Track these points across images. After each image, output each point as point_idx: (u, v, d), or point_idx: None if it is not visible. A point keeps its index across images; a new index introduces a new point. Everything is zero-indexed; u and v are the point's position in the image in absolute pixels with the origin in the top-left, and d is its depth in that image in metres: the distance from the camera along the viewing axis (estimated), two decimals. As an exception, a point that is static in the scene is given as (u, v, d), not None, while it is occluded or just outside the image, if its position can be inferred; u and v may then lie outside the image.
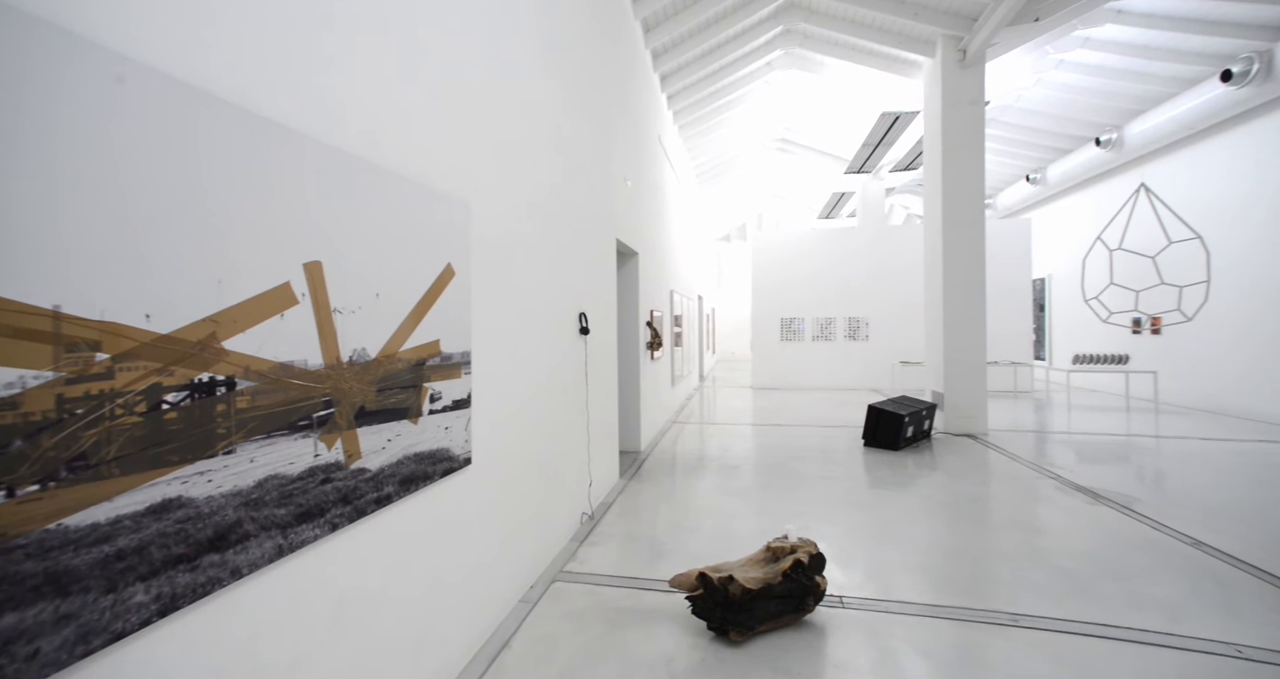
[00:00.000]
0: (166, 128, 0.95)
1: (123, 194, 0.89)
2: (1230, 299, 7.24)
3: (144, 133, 0.92)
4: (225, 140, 1.06)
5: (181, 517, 0.96)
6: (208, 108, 1.03)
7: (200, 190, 1.01)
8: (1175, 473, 4.51)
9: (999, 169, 11.35)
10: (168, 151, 0.96)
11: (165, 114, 0.95)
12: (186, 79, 1.00)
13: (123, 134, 0.89)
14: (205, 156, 1.02)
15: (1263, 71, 6.26)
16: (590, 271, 3.68)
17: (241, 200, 1.09)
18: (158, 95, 0.94)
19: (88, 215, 0.84)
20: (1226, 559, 2.81)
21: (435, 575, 1.79)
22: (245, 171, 1.10)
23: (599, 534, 3.25)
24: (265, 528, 1.13)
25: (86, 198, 0.84)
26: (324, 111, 1.33)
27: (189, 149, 0.99)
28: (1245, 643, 2.08)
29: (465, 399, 1.99)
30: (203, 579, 0.99)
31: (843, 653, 2.04)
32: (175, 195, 0.96)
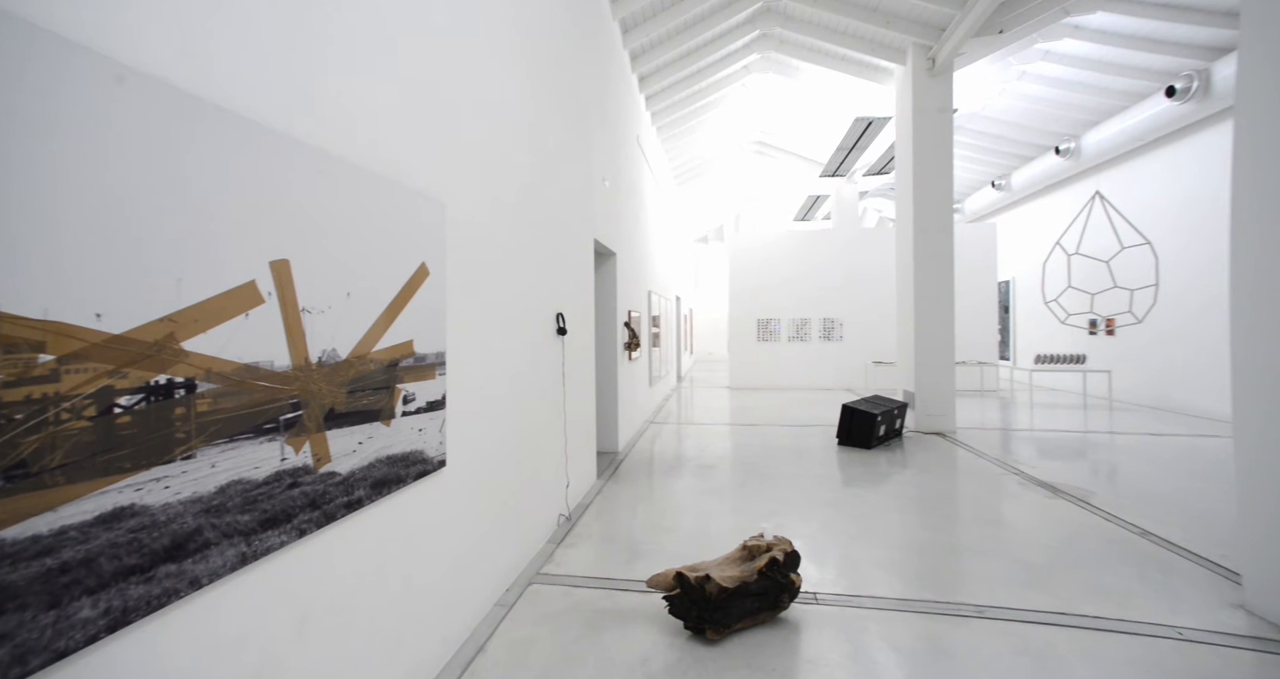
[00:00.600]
0: (117, 117, 0.91)
1: (69, 187, 0.84)
2: (1176, 302, 7.62)
3: (92, 122, 0.88)
4: (186, 133, 1.01)
5: (135, 525, 0.92)
6: (165, 98, 0.98)
7: (156, 184, 0.97)
8: (1126, 467, 4.73)
9: (967, 175, 11.71)
10: (120, 142, 0.91)
11: (115, 103, 0.91)
12: (139, 66, 0.96)
13: (68, 122, 0.84)
14: (163, 149, 0.98)
15: (1202, 89, 6.64)
16: (568, 272, 3.66)
17: (202, 196, 1.05)
18: (105, 82, 0.90)
19: (27, 208, 0.79)
20: (1170, 547, 2.96)
21: (408, 580, 1.76)
22: (206, 166, 1.06)
23: (576, 535, 3.24)
24: (228, 535, 1.09)
25: (25, 189, 0.80)
26: (292, 106, 1.29)
27: (145, 141, 0.95)
28: (1185, 625, 2.21)
29: (440, 400, 1.96)
30: (158, 591, 0.95)
31: (817, 649, 2.08)
32: (129, 189, 0.92)
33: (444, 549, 2.00)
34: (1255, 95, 2.36)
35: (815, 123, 10.00)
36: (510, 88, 2.69)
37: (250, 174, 1.15)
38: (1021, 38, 6.40)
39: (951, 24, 5.84)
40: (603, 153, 4.81)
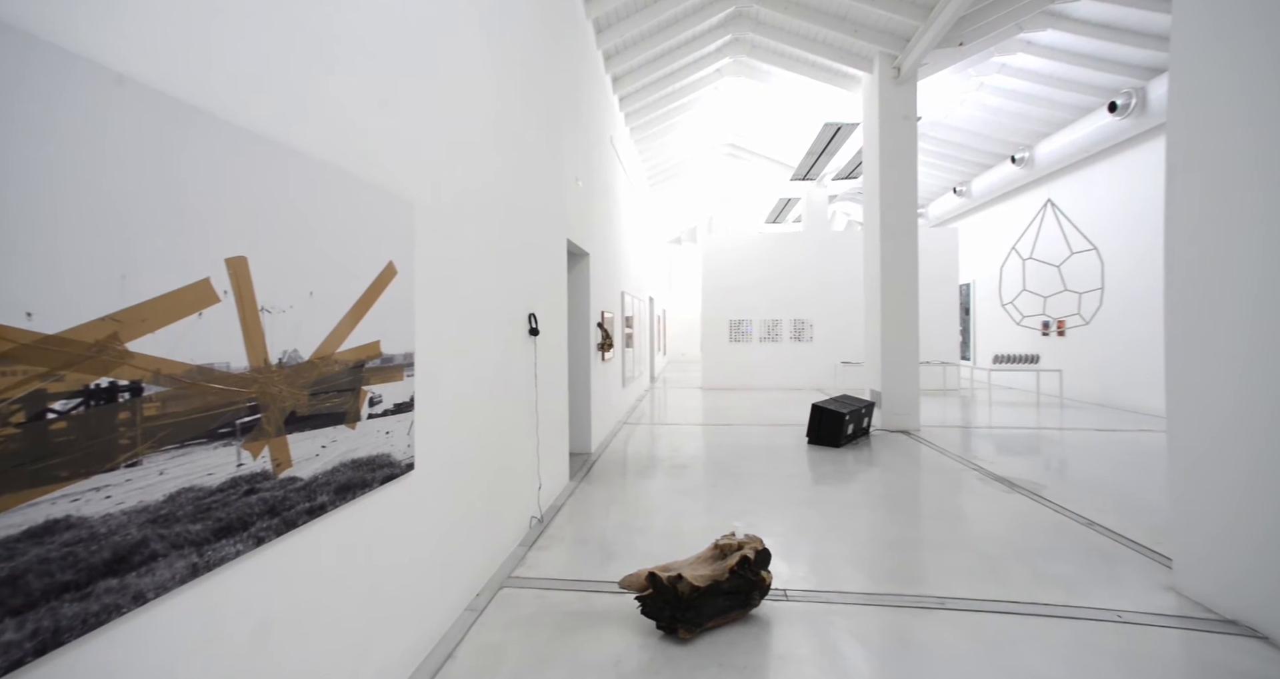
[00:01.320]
0: (56, 102, 0.86)
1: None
2: (1120, 304, 8.06)
3: (24, 106, 0.82)
4: (131, 122, 0.96)
5: (70, 538, 0.86)
6: (100, 81, 0.93)
7: (95, 173, 0.91)
8: (1075, 461, 4.97)
9: (930, 181, 12.12)
10: (56, 129, 0.86)
11: (54, 85, 0.86)
12: (65, 43, 0.90)
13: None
14: (96, 136, 0.92)
15: (1139, 105, 7.08)
16: (540, 272, 3.62)
17: (150, 187, 0.99)
18: (42, 62, 0.84)
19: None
20: (1112, 536, 3.13)
21: (374, 587, 1.71)
22: (153, 155, 1.00)
23: (548, 537, 3.21)
24: (177, 546, 1.03)
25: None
26: (251, 97, 1.24)
27: (83, 127, 0.89)
28: (1123, 608, 2.35)
29: (408, 402, 1.91)
30: (96, 608, 0.89)
31: (786, 644, 2.11)
32: (63, 176, 0.87)
33: (412, 554, 1.95)
34: (1183, 113, 2.53)
35: (786, 127, 10.19)
36: (480, 85, 2.65)
37: (204, 167, 1.10)
38: (980, 51, 6.66)
39: (915, 35, 6.03)
40: (576, 152, 4.78)
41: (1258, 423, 2.17)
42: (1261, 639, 2.12)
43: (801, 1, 6.34)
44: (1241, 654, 2.02)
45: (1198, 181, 2.46)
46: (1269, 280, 2.13)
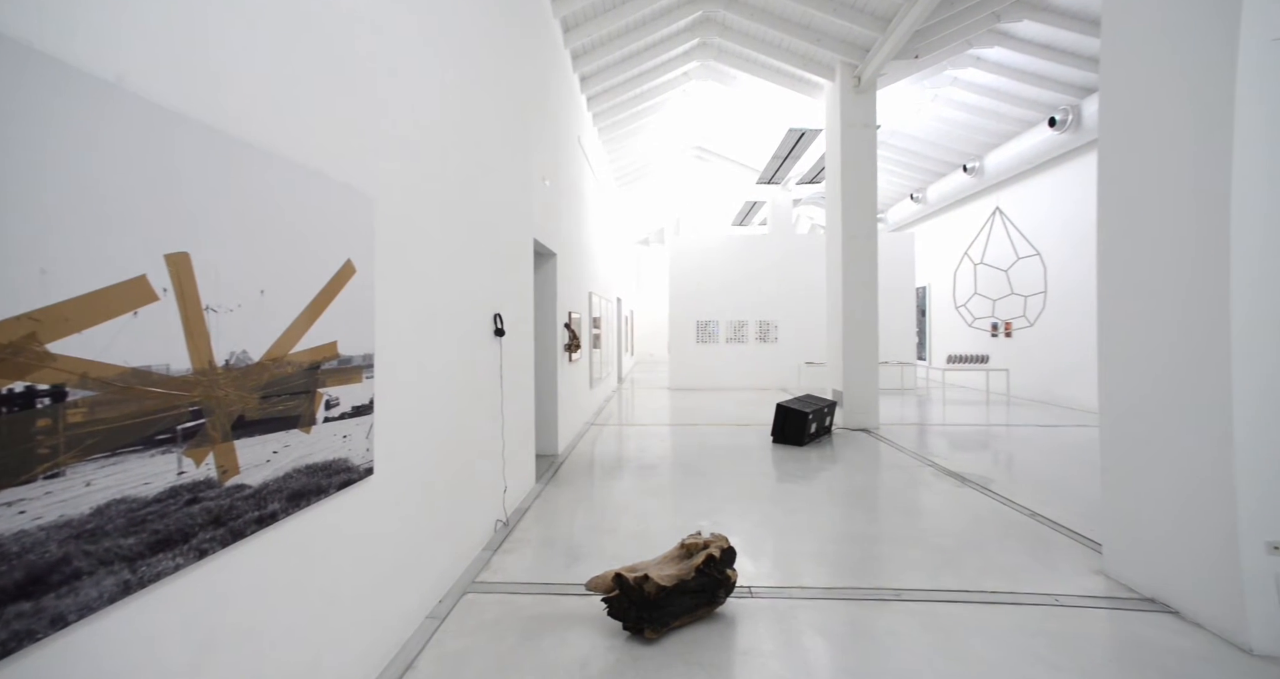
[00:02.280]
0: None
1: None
2: (1062, 307, 8.55)
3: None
4: (60, 107, 0.90)
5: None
6: (26, 63, 0.87)
7: (11, 158, 0.85)
8: (1020, 456, 5.25)
9: (889, 187, 12.57)
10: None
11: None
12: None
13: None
14: (19, 118, 0.86)
15: (1075, 122, 7.57)
16: (506, 272, 3.57)
17: (77, 176, 0.93)
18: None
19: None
20: (1051, 525, 3.33)
21: (329, 598, 1.65)
22: (76, 143, 0.94)
23: (514, 541, 3.16)
24: (105, 562, 0.96)
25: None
26: (192, 85, 1.18)
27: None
28: (1060, 593, 2.50)
29: (367, 405, 1.85)
30: (4, 636, 0.81)
31: (750, 640, 2.15)
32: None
33: (370, 562, 1.89)
34: (1110, 130, 2.72)
35: (752, 131, 10.37)
36: (445, 80, 2.59)
37: (137, 156, 1.03)
38: (935, 63, 6.97)
39: (875, 46, 6.25)
40: (543, 152, 4.74)
41: (1165, 420, 2.34)
42: (1173, 613, 2.32)
43: (767, 9, 6.48)
44: (1156, 628, 2.21)
45: (1121, 193, 2.64)
46: (1175, 287, 2.30)
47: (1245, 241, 2.12)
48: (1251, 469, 2.09)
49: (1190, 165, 2.30)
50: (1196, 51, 2.28)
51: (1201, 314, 2.23)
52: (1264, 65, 2.10)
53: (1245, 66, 2.10)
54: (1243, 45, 2.10)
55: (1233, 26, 2.13)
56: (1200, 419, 2.24)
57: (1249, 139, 2.11)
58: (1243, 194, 2.12)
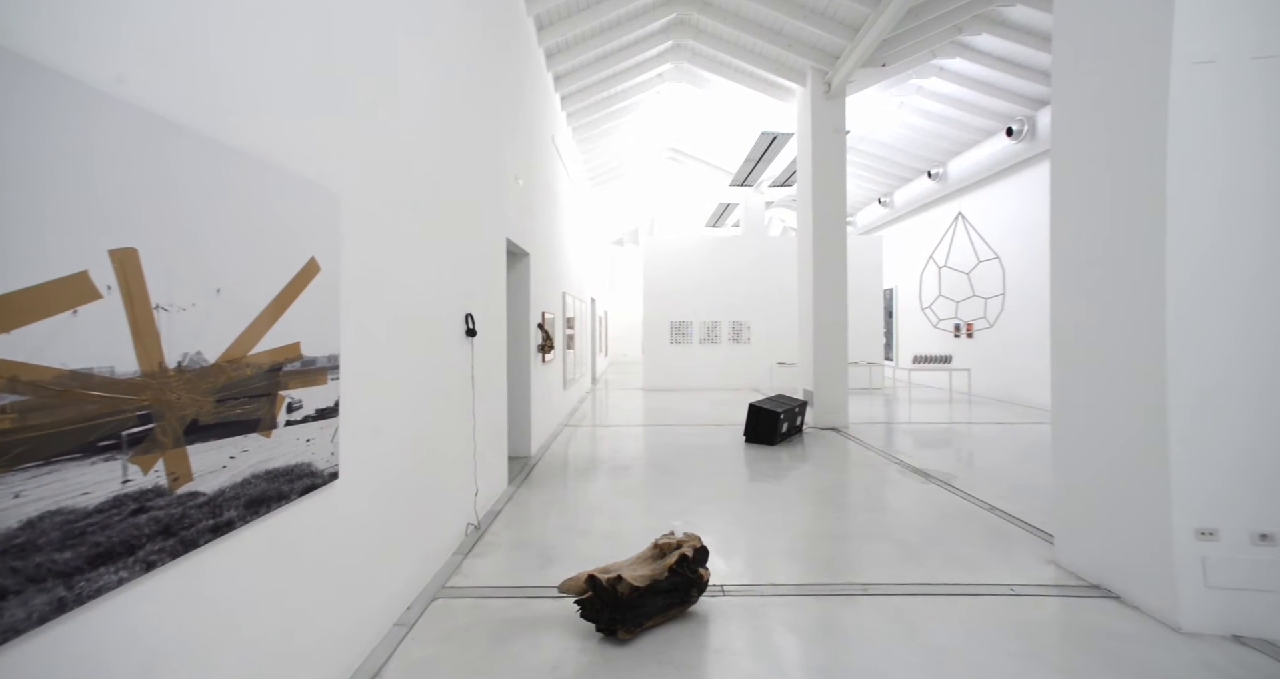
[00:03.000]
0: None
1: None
2: (1020, 309, 8.93)
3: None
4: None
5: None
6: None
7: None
8: (981, 452, 5.46)
9: (858, 191, 12.88)
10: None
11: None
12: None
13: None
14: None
15: (1030, 132, 7.92)
16: (478, 272, 3.52)
17: (6, 164, 0.87)
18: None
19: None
20: (1009, 518, 3.47)
21: (290, 608, 1.59)
22: (10, 129, 0.89)
23: (485, 544, 3.12)
24: (36, 580, 0.89)
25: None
26: (142, 70, 1.12)
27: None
28: (1015, 582, 2.62)
29: (332, 407, 1.80)
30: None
31: (723, 638, 2.17)
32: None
33: (335, 569, 1.83)
34: (1062, 141, 2.85)
35: (725, 133, 10.48)
36: (416, 75, 2.54)
37: (79, 146, 0.98)
38: (901, 72, 7.18)
39: (844, 53, 6.39)
40: (516, 150, 4.68)
41: (1109, 417, 2.47)
42: (1115, 598, 2.46)
43: (740, 13, 6.56)
44: (1099, 613, 2.34)
45: (1070, 202, 2.77)
46: (1117, 292, 2.43)
47: (1179, 250, 2.25)
48: (1183, 461, 2.23)
49: (1130, 178, 2.43)
50: (1135, 71, 2.42)
51: (1141, 318, 2.36)
52: (1192, 86, 2.24)
53: (1176, 86, 2.25)
54: (1174, 67, 2.25)
55: (1164, 50, 2.27)
56: (1139, 416, 2.37)
57: (1181, 154, 2.25)
58: (1177, 206, 2.25)
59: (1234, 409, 2.22)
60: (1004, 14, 6.47)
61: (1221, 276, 2.23)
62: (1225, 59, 2.22)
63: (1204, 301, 2.24)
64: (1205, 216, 2.24)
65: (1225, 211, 2.24)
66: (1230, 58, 2.22)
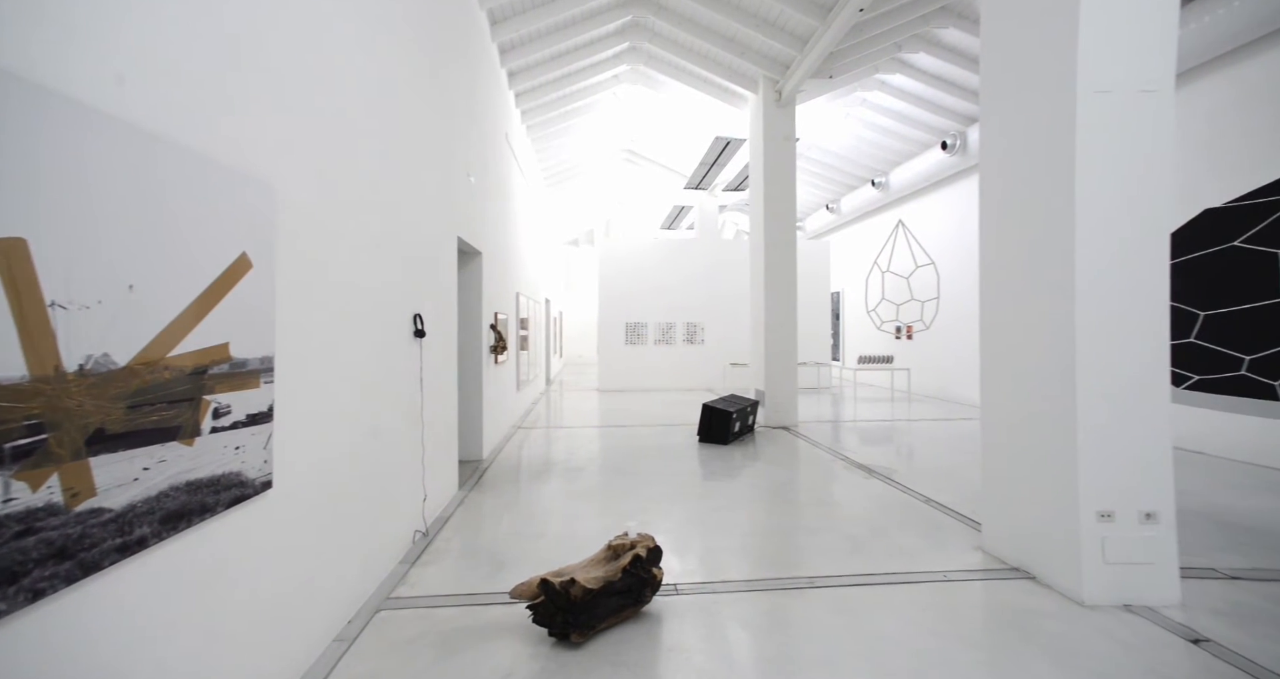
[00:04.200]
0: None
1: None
2: (953, 312, 9.50)
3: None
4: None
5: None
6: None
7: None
8: (919, 447, 5.77)
9: (807, 197, 13.33)
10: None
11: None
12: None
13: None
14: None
15: (962, 146, 8.47)
16: (428, 270, 3.40)
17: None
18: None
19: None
20: (943, 509, 3.68)
21: (213, 630, 1.48)
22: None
23: (434, 552, 3.01)
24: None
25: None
26: (42, 42, 1.01)
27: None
28: (948, 569, 2.78)
29: (266, 412, 1.69)
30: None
31: (676, 637, 2.18)
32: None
33: (267, 585, 1.72)
34: (988, 156, 3.06)
35: (681, 137, 10.60)
36: (358, 64, 2.43)
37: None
38: (847, 84, 7.50)
39: (794, 63, 6.61)
40: (468, 146, 4.56)
41: (1029, 413, 2.67)
42: (1031, 579, 2.67)
43: (694, 19, 6.66)
44: (1018, 593, 2.54)
45: (996, 213, 2.98)
46: (1036, 297, 2.63)
47: (1088, 258, 2.47)
48: (1090, 451, 2.46)
49: (1046, 193, 2.64)
50: (1047, 95, 2.63)
51: (1056, 322, 2.57)
52: (1095, 112, 2.47)
53: (1082, 111, 2.47)
54: (1079, 95, 2.47)
55: (1071, 79, 2.50)
56: (1053, 410, 2.58)
57: (1088, 174, 2.47)
58: (1084, 222, 2.47)
59: (1129, 404, 2.46)
60: (938, 35, 6.88)
61: (1121, 286, 2.47)
62: (1120, 89, 2.48)
63: (1106, 308, 2.47)
64: (1108, 232, 2.48)
65: (1126, 228, 2.48)
66: (1124, 89, 2.48)
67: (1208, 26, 4.92)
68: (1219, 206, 5.24)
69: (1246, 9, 4.68)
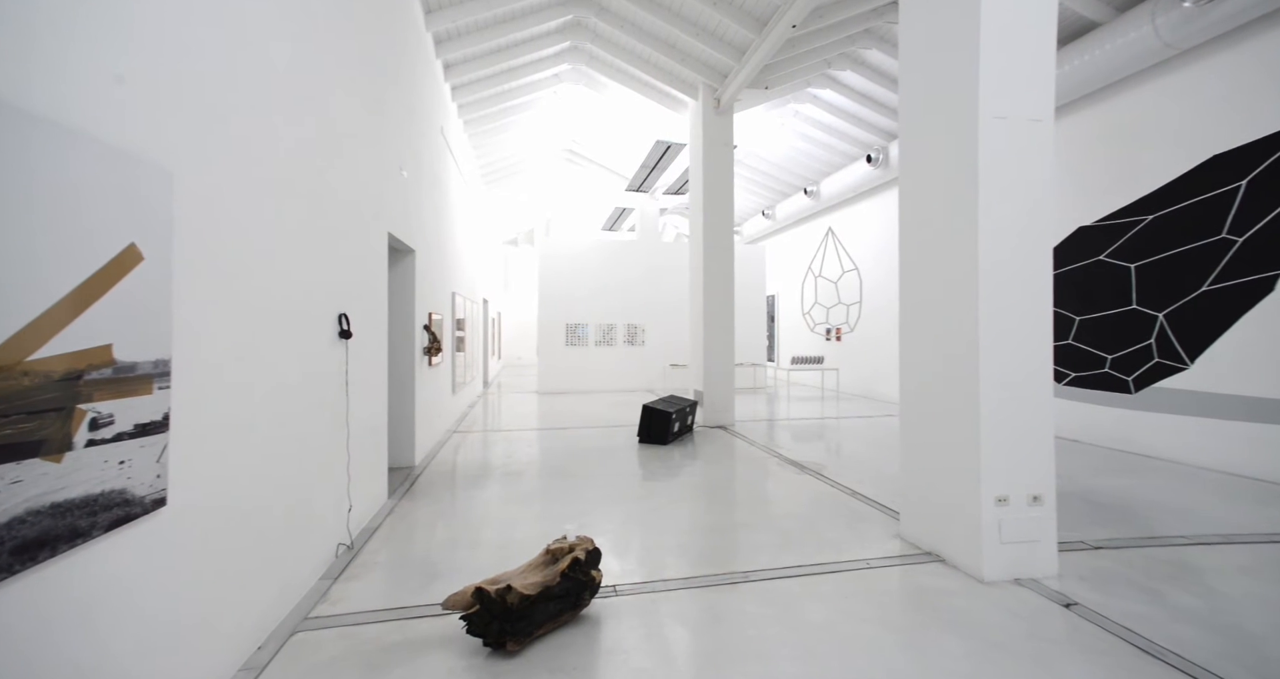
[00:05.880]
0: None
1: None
2: (876, 315, 10.15)
3: None
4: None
5: None
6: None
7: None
8: (847, 443, 6.11)
9: (745, 203, 13.77)
10: None
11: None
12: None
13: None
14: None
15: (885, 160, 9.08)
16: (355, 268, 3.20)
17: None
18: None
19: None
20: (868, 501, 3.92)
21: (84, 669, 1.31)
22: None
23: (360, 565, 2.84)
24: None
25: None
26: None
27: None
28: (870, 557, 2.97)
29: (160, 421, 1.53)
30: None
31: (615, 638, 2.18)
32: None
33: (156, 616, 1.55)
34: (906, 171, 3.29)
35: (622, 138, 10.63)
36: (272, 43, 2.25)
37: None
38: (782, 96, 7.83)
39: (732, 73, 6.82)
40: (400, 138, 4.35)
41: (939, 408, 2.91)
42: (941, 561, 2.90)
43: (636, 23, 6.71)
44: (929, 575, 2.75)
45: (913, 223, 3.22)
46: (946, 301, 2.87)
47: (988, 268, 2.73)
48: (990, 442, 2.71)
49: (953, 206, 2.88)
50: (954, 118, 2.88)
51: (963, 324, 2.81)
52: (993, 136, 2.74)
53: (983, 135, 2.73)
54: (981, 119, 2.73)
55: (973, 105, 2.76)
56: (960, 406, 2.82)
57: (988, 189, 2.73)
58: (986, 234, 2.73)
59: (1022, 399, 2.74)
60: (863, 56, 7.33)
61: (1015, 293, 2.75)
62: (1013, 117, 2.77)
63: (1003, 313, 2.74)
64: (1004, 244, 2.75)
65: (1018, 240, 2.76)
66: (1016, 117, 2.77)
67: (1078, 68, 5.59)
68: (1090, 225, 5.96)
69: (1105, 57, 5.38)
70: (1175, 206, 5.17)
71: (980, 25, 2.72)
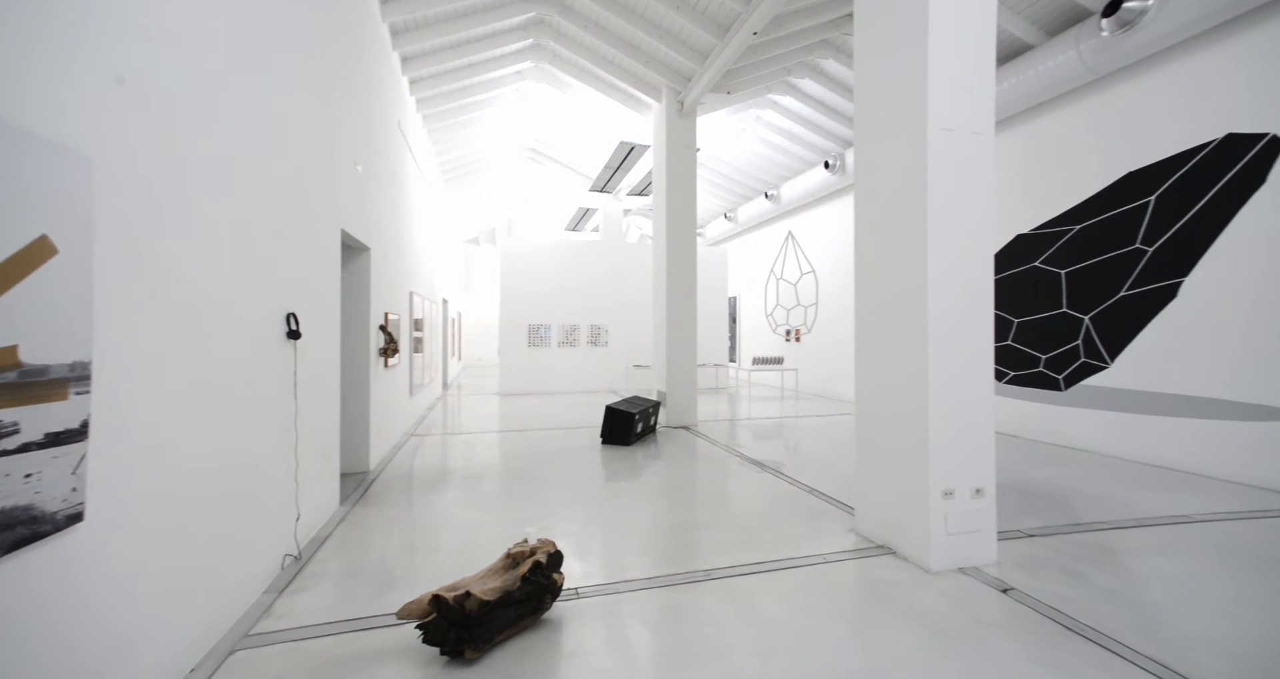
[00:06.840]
0: None
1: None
2: (833, 317, 10.47)
3: None
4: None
5: None
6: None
7: None
8: (805, 442, 6.27)
9: (708, 205, 13.95)
10: None
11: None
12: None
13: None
14: None
15: (841, 167, 9.38)
16: (304, 266, 3.05)
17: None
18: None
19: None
20: (825, 498, 4.04)
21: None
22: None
23: (308, 576, 2.71)
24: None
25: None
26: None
27: None
28: (827, 552, 3.05)
29: (77, 429, 1.42)
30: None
31: (576, 641, 2.16)
32: None
33: (67, 640, 1.43)
34: (861, 178, 3.41)
35: (586, 138, 10.58)
36: (218, 26, 2.12)
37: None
38: (744, 101, 7.97)
39: (695, 76, 6.89)
40: (354, 131, 4.18)
41: (892, 406, 3.03)
42: (893, 554, 3.02)
43: (600, 23, 6.69)
44: (881, 567, 2.86)
45: (868, 228, 3.34)
46: (898, 304, 3.00)
47: (936, 272, 2.86)
48: (938, 439, 2.84)
49: (905, 213, 3.00)
50: (905, 129, 3.01)
51: (914, 325, 2.93)
52: (941, 146, 2.88)
53: (931, 145, 2.87)
54: (929, 131, 2.86)
55: (922, 117, 2.89)
56: (911, 404, 2.94)
57: (936, 197, 2.86)
58: (934, 241, 2.86)
59: (966, 397, 2.88)
60: (821, 65, 7.56)
61: (961, 296, 2.89)
62: (958, 129, 2.91)
63: (950, 315, 2.88)
64: (950, 249, 2.89)
65: (962, 245, 2.90)
66: (960, 129, 2.92)
67: (1014, 86, 5.99)
68: (1027, 232, 6.36)
69: (1036, 77, 5.79)
70: (1097, 218, 5.59)
71: (929, 41, 2.85)
